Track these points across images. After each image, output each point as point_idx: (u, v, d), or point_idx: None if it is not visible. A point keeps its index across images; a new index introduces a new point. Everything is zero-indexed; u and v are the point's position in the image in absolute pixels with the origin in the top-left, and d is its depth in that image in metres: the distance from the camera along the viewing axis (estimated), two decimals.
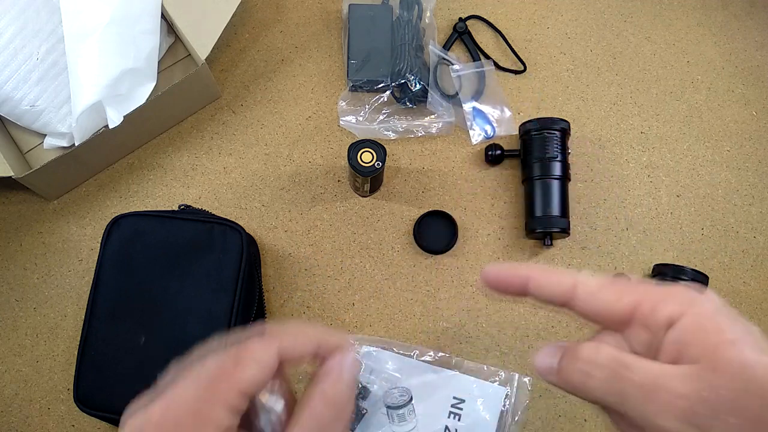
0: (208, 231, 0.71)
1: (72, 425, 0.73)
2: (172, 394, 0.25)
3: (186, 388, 0.26)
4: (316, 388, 0.27)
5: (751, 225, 0.81)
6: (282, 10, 0.90)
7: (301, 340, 0.28)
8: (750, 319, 0.78)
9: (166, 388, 0.26)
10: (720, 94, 0.87)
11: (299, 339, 0.28)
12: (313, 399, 0.27)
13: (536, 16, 0.90)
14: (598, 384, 0.25)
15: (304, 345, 0.28)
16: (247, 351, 0.26)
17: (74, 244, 0.79)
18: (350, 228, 0.80)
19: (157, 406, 0.25)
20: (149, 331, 0.67)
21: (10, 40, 0.73)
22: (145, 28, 0.76)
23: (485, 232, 0.80)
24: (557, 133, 0.78)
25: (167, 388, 0.26)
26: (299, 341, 0.28)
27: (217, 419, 0.24)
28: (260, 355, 0.26)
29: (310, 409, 0.26)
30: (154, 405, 0.25)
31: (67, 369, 0.74)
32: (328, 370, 0.28)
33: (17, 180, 0.72)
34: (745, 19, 0.91)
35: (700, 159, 0.84)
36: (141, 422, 0.25)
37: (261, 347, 0.26)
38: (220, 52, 0.87)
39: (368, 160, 0.73)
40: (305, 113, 0.85)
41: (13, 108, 0.75)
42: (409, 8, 0.86)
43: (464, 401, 0.70)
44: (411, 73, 0.81)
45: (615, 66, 0.88)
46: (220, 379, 0.25)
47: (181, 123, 0.84)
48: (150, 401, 0.26)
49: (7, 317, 0.76)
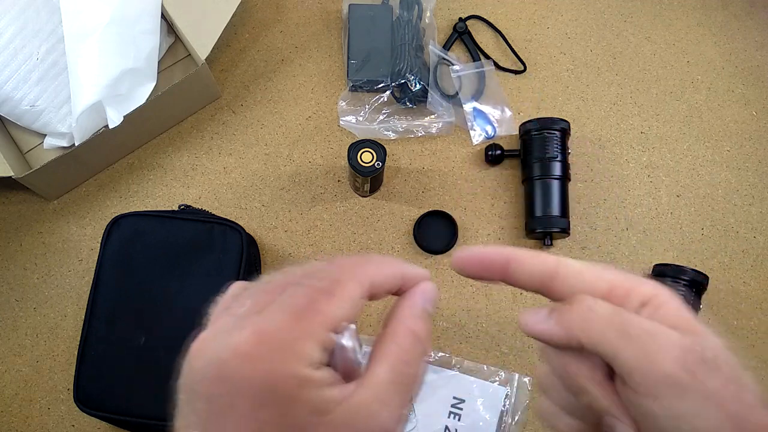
0: (208, 231, 0.71)
1: (72, 425, 0.73)
2: (260, 324, 0.23)
3: (274, 319, 0.23)
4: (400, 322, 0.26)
5: (751, 225, 0.81)
6: (282, 10, 0.90)
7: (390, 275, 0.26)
8: (750, 319, 0.78)
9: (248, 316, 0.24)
10: (720, 94, 0.87)
11: (388, 274, 0.26)
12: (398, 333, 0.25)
13: (536, 16, 0.90)
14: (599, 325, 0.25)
15: (391, 280, 0.26)
16: (340, 286, 0.24)
17: (74, 244, 0.79)
18: (350, 228, 0.80)
19: (244, 335, 0.23)
20: (149, 331, 0.67)
21: (10, 40, 0.73)
22: (145, 28, 0.76)
23: (485, 232, 0.80)
24: (557, 133, 0.78)
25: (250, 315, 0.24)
26: (388, 277, 0.26)
27: (310, 355, 0.23)
28: (353, 292, 0.24)
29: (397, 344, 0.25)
30: (239, 334, 0.23)
31: (67, 369, 0.74)
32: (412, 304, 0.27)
33: (17, 180, 0.72)
34: (745, 19, 0.91)
35: (700, 159, 0.84)
36: (225, 353, 0.23)
37: (354, 284, 0.25)
38: (220, 52, 0.87)
39: (368, 160, 0.73)
40: (305, 113, 0.85)
41: (13, 108, 0.75)
42: (409, 8, 0.86)
43: (464, 401, 0.70)
44: (411, 73, 0.81)
45: (615, 66, 0.88)
46: (313, 312, 0.23)
47: (181, 123, 0.84)
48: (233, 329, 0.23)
49: (7, 317, 0.76)
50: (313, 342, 0.23)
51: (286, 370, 0.22)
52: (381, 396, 0.23)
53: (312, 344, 0.23)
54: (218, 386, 0.23)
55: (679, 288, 0.73)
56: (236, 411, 0.22)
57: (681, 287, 0.73)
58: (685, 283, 0.73)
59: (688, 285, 0.73)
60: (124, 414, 0.65)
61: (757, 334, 0.77)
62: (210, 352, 0.23)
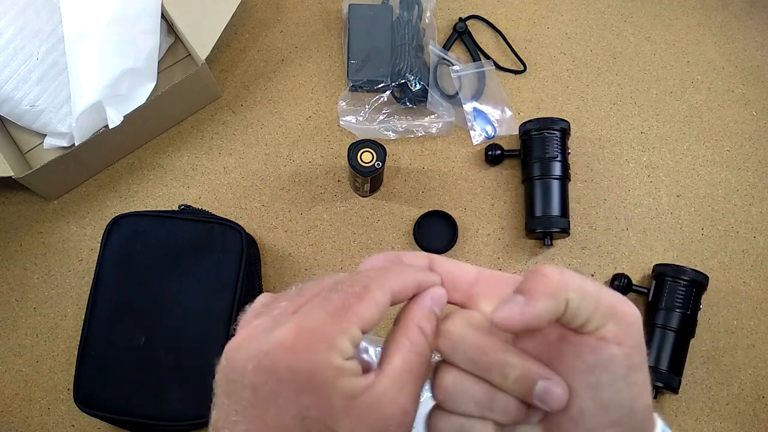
0: (208, 231, 0.71)
1: (72, 425, 0.73)
2: (301, 320, 0.26)
3: (313, 316, 0.27)
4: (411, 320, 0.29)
5: (751, 225, 0.81)
6: (282, 10, 0.90)
7: (409, 283, 0.30)
8: (750, 319, 0.78)
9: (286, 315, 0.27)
10: (720, 94, 0.87)
11: (407, 282, 0.30)
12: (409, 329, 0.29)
13: (536, 16, 0.90)
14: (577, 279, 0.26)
15: (410, 288, 0.30)
16: (369, 291, 0.28)
17: (74, 244, 0.79)
18: (350, 228, 0.80)
19: (286, 329, 0.26)
20: (149, 331, 0.67)
21: (10, 40, 0.73)
22: (145, 28, 0.76)
23: (485, 232, 0.80)
24: (557, 133, 0.78)
25: (287, 315, 0.27)
26: (408, 285, 0.29)
27: (343, 347, 0.26)
28: (379, 298, 0.28)
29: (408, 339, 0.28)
30: (281, 329, 0.26)
31: (67, 369, 0.74)
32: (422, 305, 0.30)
33: (17, 180, 0.72)
34: (745, 19, 0.91)
35: (700, 159, 0.84)
36: (268, 345, 0.26)
37: (380, 291, 0.28)
38: (220, 52, 0.87)
39: (368, 160, 0.73)
40: (305, 113, 0.85)
41: (13, 108, 0.75)
42: (409, 8, 0.86)
43: None
44: (411, 73, 0.81)
45: (615, 66, 0.88)
46: (347, 312, 0.27)
47: (181, 123, 0.84)
48: (274, 326, 0.26)
49: (7, 317, 0.76)
50: (347, 337, 0.26)
51: (325, 360, 0.25)
52: (398, 382, 0.27)
53: (346, 339, 0.26)
54: (262, 375, 0.25)
55: (679, 288, 0.73)
56: (279, 397, 0.25)
57: (681, 287, 0.73)
58: (685, 283, 0.72)
59: (688, 285, 0.72)
60: (124, 414, 0.65)
61: (757, 334, 0.77)
62: (252, 347, 0.26)
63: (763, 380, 0.75)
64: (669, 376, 0.71)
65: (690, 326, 0.72)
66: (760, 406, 0.75)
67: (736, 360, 0.76)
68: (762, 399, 0.75)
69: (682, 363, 0.72)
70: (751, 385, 0.75)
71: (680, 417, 0.74)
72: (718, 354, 0.76)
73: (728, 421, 0.74)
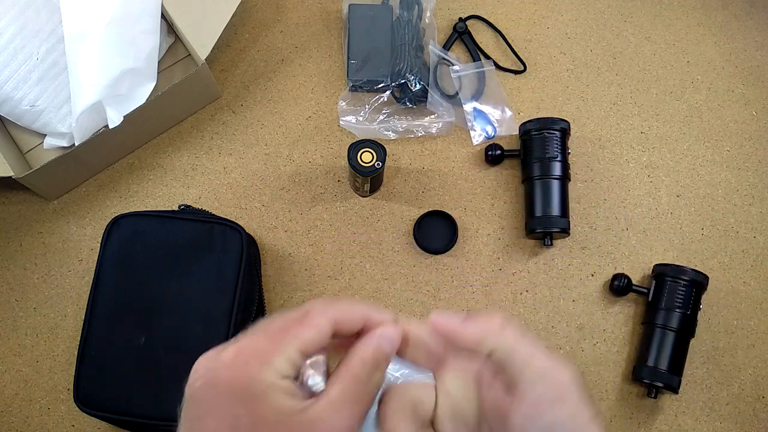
0: (208, 231, 0.71)
1: (72, 425, 0.73)
2: (243, 342, 0.30)
3: (255, 338, 0.30)
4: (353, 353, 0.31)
5: (751, 225, 0.81)
6: (282, 10, 0.90)
7: (352, 314, 0.32)
8: (750, 319, 0.78)
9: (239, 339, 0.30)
10: (720, 94, 0.87)
11: (350, 313, 0.32)
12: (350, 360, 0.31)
13: (536, 16, 0.90)
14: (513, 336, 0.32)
15: (354, 319, 0.32)
16: (308, 316, 0.30)
17: (74, 244, 0.79)
18: (350, 228, 0.80)
19: (229, 350, 0.29)
20: (149, 331, 0.67)
21: (10, 40, 0.73)
22: (145, 28, 0.76)
23: (485, 232, 0.80)
24: (557, 133, 0.78)
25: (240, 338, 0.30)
26: (350, 315, 0.32)
27: (278, 366, 0.28)
28: (319, 321, 0.30)
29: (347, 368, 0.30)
30: (227, 350, 0.29)
31: (67, 369, 0.74)
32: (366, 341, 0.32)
33: (17, 180, 0.72)
34: (745, 19, 0.91)
35: (700, 159, 0.84)
36: (214, 363, 0.29)
37: (320, 315, 0.31)
38: (220, 52, 0.87)
39: (368, 160, 0.73)
40: (305, 113, 0.85)
41: (13, 108, 0.75)
42: (409, 8, 0.86)
43: None
44: (411, 73, 0.81)
45: (615, 66, 0.88)
46: (285, 334, 0.29)
47: (181, 123, 0.84)
48: (223, 348, 0.30)
49: (7, 317, 0.76)
50: (283, 357, 0.28)
51: (258, 374, 0.28)
52: (334, 407, 0.29)
53: (281, 359, 0.28)
54: (207, 390, 0.28)
55: (679, 288, 0.73)
56: (217, 408, 0.28)
57: (681, 287, 0.73)
58: (685, 283, 0.72)
59: (688, 285, 0.72)
60: (124, 414, 0.65)
61: (757, 334, 0.77)
62: (203, 366, 0.29)
63: (763, 380, 0.75)
64: (669, 376, 0.71)
65: (690, 326, 0.72)
66: (760, 406, 0.75)
67: (736, 360, 0.76)
68: (762, 399, 0.75)
69: (682, 363, 0.72)
70: (751, 385, 0.75)
71: (680, 417, 0.74)
72: (718, 354, 0.76)
73: (728, 421, 0.74)
